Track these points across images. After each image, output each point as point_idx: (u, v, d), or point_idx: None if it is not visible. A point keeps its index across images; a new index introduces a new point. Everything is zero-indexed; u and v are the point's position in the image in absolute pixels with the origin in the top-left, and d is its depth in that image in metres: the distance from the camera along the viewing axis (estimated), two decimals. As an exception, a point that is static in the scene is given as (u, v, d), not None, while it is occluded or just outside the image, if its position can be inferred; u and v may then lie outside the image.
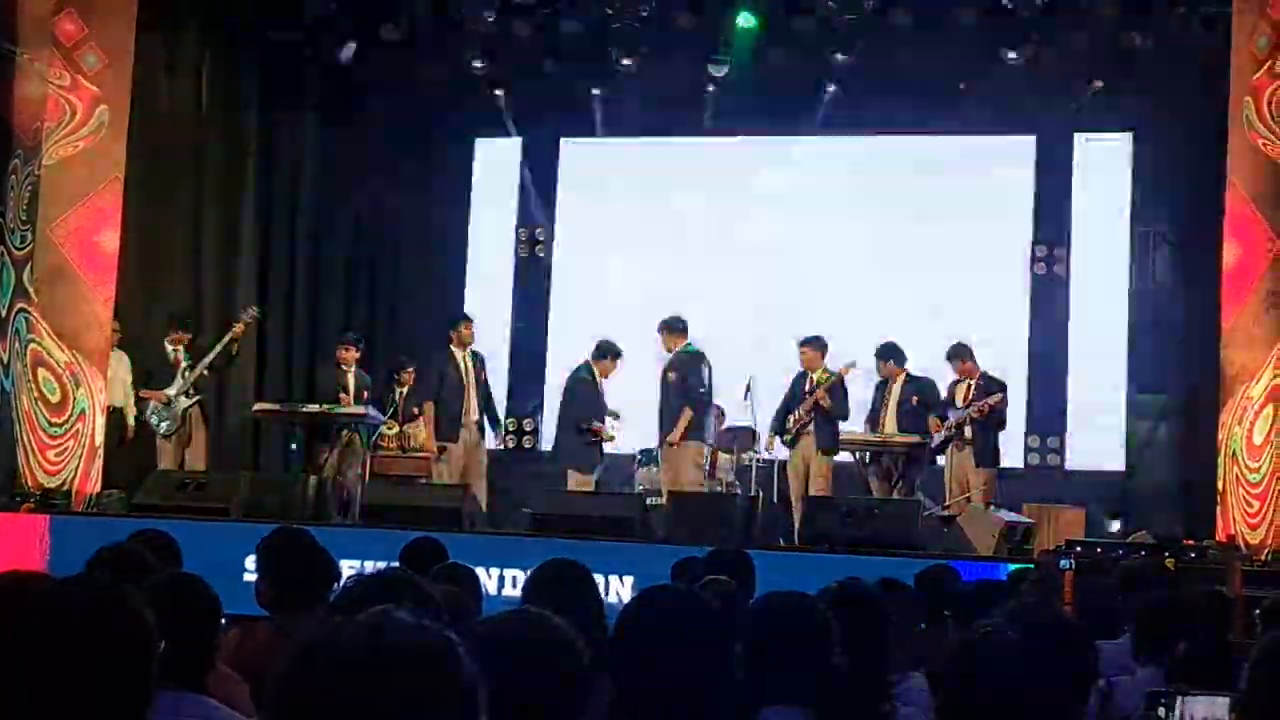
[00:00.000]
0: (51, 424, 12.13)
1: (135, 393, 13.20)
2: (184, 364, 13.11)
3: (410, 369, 14.45)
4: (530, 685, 2.55)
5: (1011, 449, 14.58)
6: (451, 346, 13.19)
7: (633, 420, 13.69)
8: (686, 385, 12.53)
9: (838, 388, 12.83)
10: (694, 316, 14.21)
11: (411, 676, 1.74)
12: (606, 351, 13.07)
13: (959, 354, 13.24)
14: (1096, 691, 4.46)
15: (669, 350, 12.82)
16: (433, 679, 1.75)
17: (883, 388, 13.23)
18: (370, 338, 14.85)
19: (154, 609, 2.37)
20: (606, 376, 13.12)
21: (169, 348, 13.18)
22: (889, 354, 13.32)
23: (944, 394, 13.20)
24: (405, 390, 14.38)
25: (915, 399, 13.01)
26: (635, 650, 3.15)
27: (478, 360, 13.29)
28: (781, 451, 13.38)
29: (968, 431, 12.71)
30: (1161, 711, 3.56)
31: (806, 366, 12.98)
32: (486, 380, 13.41)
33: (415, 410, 14.05)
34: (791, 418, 12.82)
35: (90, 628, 2.17)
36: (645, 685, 3.11)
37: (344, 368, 13.63)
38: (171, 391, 12.96)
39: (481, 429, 13.26)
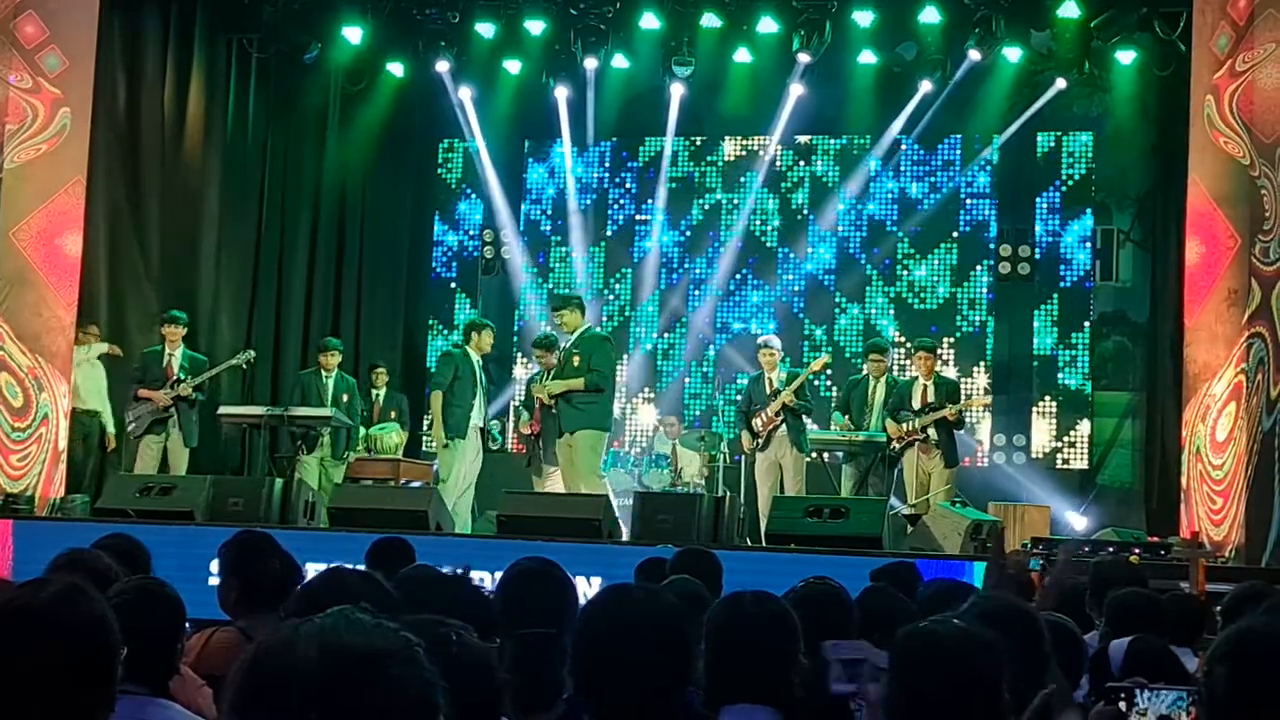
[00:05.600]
0: (14, 429, 12.06)
1: (133, 395, 13.00)
2: (175, 365, 12.92)
3: (384, 370, 14.41)
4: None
5: (977, 447, 14.66)
6: (469, 349, 12.89)
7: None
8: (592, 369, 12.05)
9: (804, 386, 12.81)
10: (659, 314, 14.11)
11: (365, 680, 1.73)
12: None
13: (926, 348, 13.10)
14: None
15: (570, 331, 12.29)
16: (387, 682, 1.74)
17: (865, 385, 13.17)
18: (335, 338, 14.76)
19: (118, 613, 2.36)
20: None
21: (166, 350, 13.00)
22: (882, 350, 13.33)
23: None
24: (380, 393, 14.35)
25: (893, 399, 12.97)
26: (595, 648, 3.15)
27: (485, 369, 13.17)
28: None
29: (932, 433, 12.65)
30: (1122, 706, 3.57)
31: (766, 368, 12.88)
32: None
33: (393, 413, 14.02)
34: (759, 420, 12.72)
35: (49, 627, 2.16)
36: (605, 683, 3.11)
37: (325, 373, 13.58)
38: (159, 395, 12.80)
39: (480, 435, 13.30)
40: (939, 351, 13.37)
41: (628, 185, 17.03)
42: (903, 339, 15.98)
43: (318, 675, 1.71)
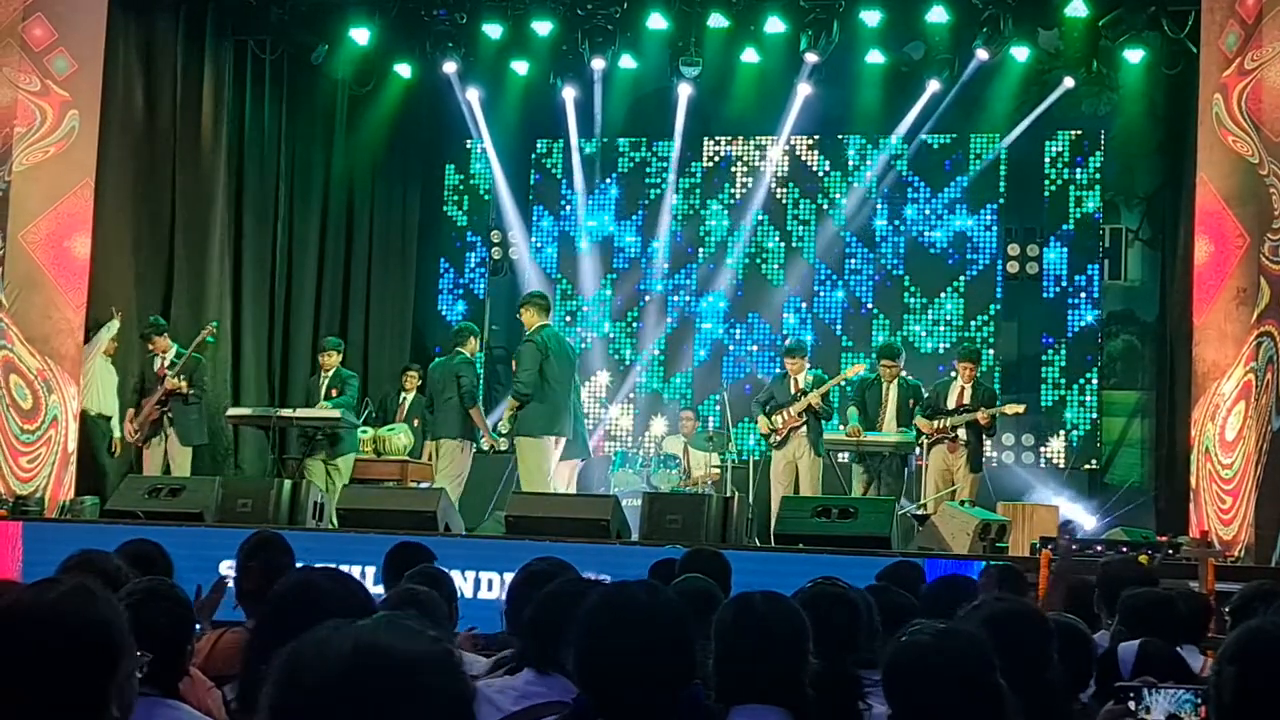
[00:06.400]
0: (24, 431, 12.07)
1: (139, 400, 13.06)
2: (165, 366, 12.98)
3: (415, 373, 14.41)
4: None
5: (985, 446, 14.62)
6: (464, 352, 12.97)
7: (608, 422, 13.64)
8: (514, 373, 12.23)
9: (829, 391, 12.91)
10: (665, 317, 13.97)
11: (396, 684, 1.71)
12: None
13: (971, 357, 13.14)
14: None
15: (530, 328, 12.32)
16: (418, 689, 1.72)
17: (878, 388, 13.18)
18: (343, 340, 14.75)
19: (127, 615, 2.37)
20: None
21: (159, 358, 13.04)
22: (895, 354, 13.34)
23: (927, 392, 13.18)
24: (409, 397, 14.32)
25: (911, 401, 12.98)
26: (598, 646, 3.15)
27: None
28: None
29: (962, 434, 12.65)
30: (1130, 705, 3.57)
31: (792, 372, 12.97)
32: None
33: (416, 420, 14.00)
34: (781, 419, 12.78)
35: (57, 627, 2.16)
36: (609, 681, 3.11)
37: (324, 372, 13.54)
38: (129, 428, 12.89)
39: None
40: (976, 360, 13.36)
41: (633, 184, 17.00)
42: (907, 339, 15.99)
43: (349, 676, 1.71)
